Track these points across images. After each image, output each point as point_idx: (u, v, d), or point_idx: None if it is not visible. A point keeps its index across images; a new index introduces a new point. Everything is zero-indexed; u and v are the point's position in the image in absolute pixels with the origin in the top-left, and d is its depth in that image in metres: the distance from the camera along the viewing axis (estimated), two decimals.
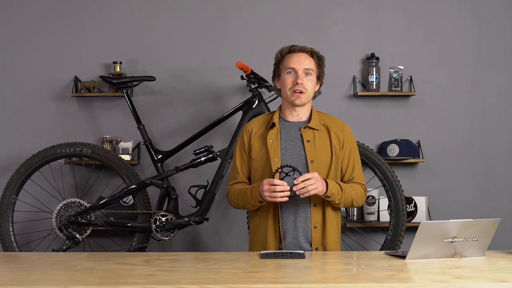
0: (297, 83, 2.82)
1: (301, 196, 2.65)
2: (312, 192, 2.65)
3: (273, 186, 2.64)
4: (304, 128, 2.87)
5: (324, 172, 2.82)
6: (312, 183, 2.64)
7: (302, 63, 2.84)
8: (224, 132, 4.12)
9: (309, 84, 2.85)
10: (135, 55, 4.21)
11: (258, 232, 2.88)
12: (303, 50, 2.88)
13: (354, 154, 2.91)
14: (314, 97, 2.96)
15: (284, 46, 2.93)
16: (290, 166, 2.68)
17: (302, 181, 2.63)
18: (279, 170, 2.68)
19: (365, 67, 4.21)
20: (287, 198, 2.66)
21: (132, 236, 3.86)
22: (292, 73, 2.85)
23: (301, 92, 2.83)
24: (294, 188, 2.63)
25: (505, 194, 4.23)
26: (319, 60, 2.90)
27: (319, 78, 2.92)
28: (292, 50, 2.89)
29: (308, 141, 2.84)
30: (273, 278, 2.15)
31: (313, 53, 2.88)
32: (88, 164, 4.09)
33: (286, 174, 2.69)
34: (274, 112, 2.97)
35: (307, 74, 2.84)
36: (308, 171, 2.80)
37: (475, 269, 2.25)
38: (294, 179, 2.64)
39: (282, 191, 2.64)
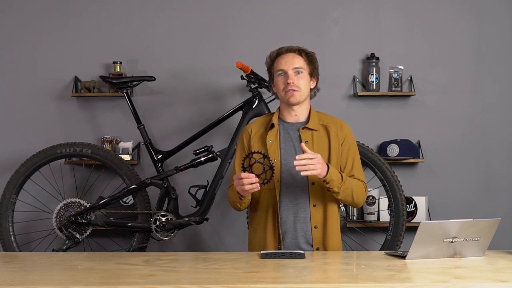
0: (288, 83, 2.83)
1: (301, 173, 2.62)
2: (311, 172, 2.62)
3: (241, 180, 2.64)
4: (303, 129, 2.87)
5: None
6: (314, 163, 2.62)
7: (291, 62, 2.85)
8: (224, 132, 4.12)
9: (301, 82, 2.85)
10: (135, 55, 4.21)
11: (257, 232, 2.88)
12: (290, 50, 2.89)
13: (353, 151, 2.90)
14: (314, 95, 2.96)
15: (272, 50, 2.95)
16: (260, 153, 2.68)
17: (304, 159, 2.61)
18: (250, 156, 2.68)
19: (365, 67, 4.21)
20: (258, 188, 2.65)
21: (132, 236, 3.86)
22: (283, 74, 2.86)
23: (294, 91, 2.83)
24: (295, 163, 2.60)
25: (505, 194, 4.23)
26: (308, 57, 2.90)
27: (312, 75, 2.91)
28: (279, 52, 2.90)
29: (306, 141, 2.84)
30: (273, 278, 2.15)
31: (300, 51, 2.89)
32: (88, 164, 4.09)
33: (256, 160, 2.68)
34: (273, 113, 2.98)
35: (297, 72, 2.85)
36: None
37: (475, 269, 2.25)
38: (264, 166, 2.65)
39: (251, 183, 2.63)
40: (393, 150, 4.08)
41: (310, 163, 2.61)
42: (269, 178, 2.67)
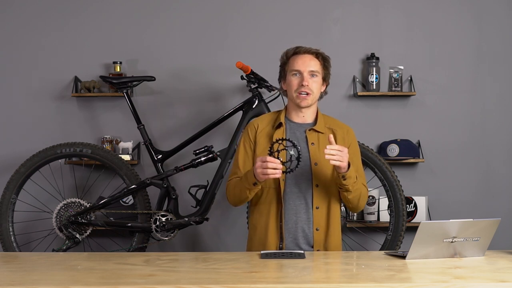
0: (302, 85, 2.82)
1: (331, 162, 2.61)
2: (339, 163, 2.62)
3: (265, 163, 2.60)
4: (309, 130, 2.87)
5: (328, 175, 2.81)
6: (342, 156, 2.62)
7: (307, 65, 2.85)
8: (224, 132, 4.12)
9: (314, 85, 2.85)
10: (135, 55, 4.21)
11: (258, 229, 2.87)
12: (308, 51, 2.88)
13: (357, 158, 2.91)
14: (320, 97, 2.96)
15: (289, 47, 2.94)
16: (290, 141, 2.66)
17: (335, 149, 2.61)
18: (280, 142, 2.66)
19: (365, 67, 4.21)
20: (279, 175, 2.62)
21: (132, 236, 3.86)
22: (298, 75, 2.85)
23: (306, 94, 2.83)
24: (326, 151, 2.60)
25: (505, 194, 4.23)
26: (324, 61, 2.90)
27: (325, 79, 2.92)
28: (297, 52, 2.89)
29: (312, 143, 2.84)
30: (273, 278, 2.15)
31: (318, 55, 2.89)
32: (88, 164, 4.09)
33: (285, 147, 2.67)
34: (280, 111, 2.97)
35: (312, 75, 2.85)
36: (311, 173, 2.81)
37: (475, 269, 2.25)
38: (291, 155, 2.65)
39: (275, 168, 2.59)
40: (393, 150, 4.08)
41: (339, 154, 2.62)
42: (293, 168, 2.64)
